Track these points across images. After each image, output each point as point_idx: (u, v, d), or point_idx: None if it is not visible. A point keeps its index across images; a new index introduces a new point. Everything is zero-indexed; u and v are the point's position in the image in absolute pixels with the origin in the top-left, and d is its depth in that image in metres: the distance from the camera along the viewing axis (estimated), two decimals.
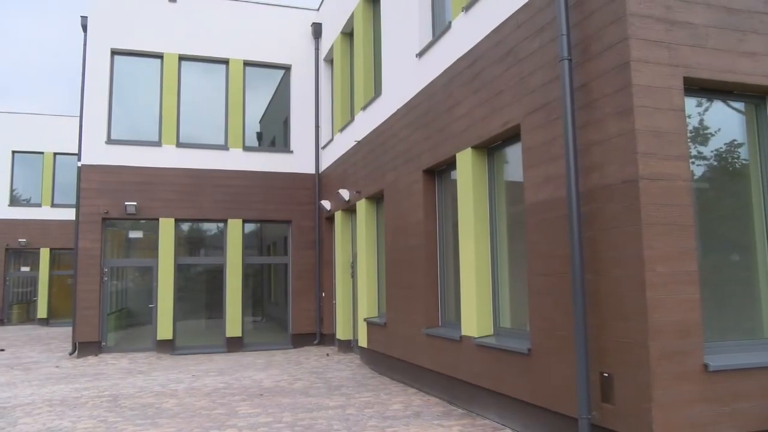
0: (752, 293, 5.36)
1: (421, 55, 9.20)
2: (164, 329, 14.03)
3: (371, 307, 11.56)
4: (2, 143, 24.70)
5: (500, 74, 6.82)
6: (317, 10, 16.18)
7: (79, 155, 14.06)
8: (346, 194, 12.77)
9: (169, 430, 7.04)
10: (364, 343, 11.66)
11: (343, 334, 13.60)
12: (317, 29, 15.82)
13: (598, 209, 5.16)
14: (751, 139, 5.53)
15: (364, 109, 11.89)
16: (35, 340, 18.31)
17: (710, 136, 5.43)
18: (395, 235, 9.99)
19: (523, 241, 6.70)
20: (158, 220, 14.36)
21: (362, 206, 11.77)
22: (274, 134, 16.12)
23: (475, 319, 7.32)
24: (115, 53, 14.63)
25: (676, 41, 4.98)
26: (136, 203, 14.10)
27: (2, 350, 15.51)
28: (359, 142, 12.08)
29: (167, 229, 14.35)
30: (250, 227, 15.44)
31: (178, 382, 10.31)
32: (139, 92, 14.80)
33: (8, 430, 7.16)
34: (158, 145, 14.56)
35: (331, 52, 15.04)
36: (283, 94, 16.01)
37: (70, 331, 17.30)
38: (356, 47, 12.38)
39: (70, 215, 23.55)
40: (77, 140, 14.80)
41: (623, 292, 4.84)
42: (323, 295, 15.22)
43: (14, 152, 24.85)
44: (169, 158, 14.57)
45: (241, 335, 14.54)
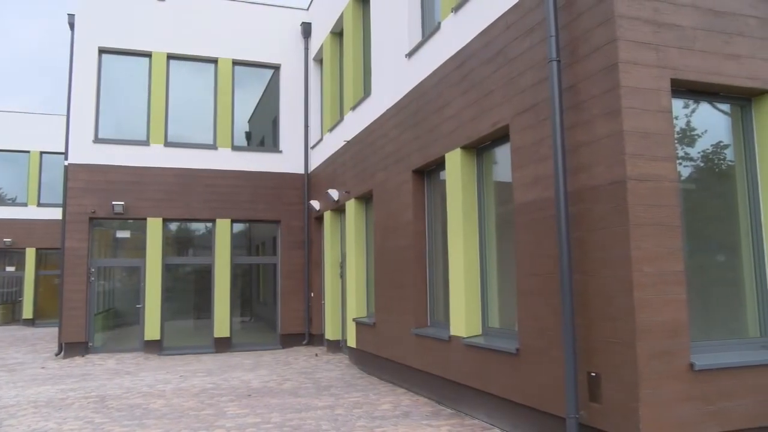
0: (737, 293, 5.41)
1: (410, 55, 9.21)
2: (152, 329, 13.94)
3: (360, 307, 11.55)
4: None
5: (489, 75, 6.84)
6: (307, 9, 16.15)
7: (66, 154, 13.95)
8: (335, 194, 12.75)
9: (156, 431, 6.99)
10: (353, 343, 11.65)
11: (332, 334, 13.58)
12: (307, 29, 15.79)
13: (586, 210, 5.19)
14: (736, 140, 5.59)
15: (353, 109, 11.88)
16: (20, 340, 18.14)
17: (697, 137, 5.48)
18: (384, 235, 9.99)
19: (511, 241, 6.72)
20: (146, 219, 14.27)
21: (351, 206, 11.77)
22: (263, 134, 16.07)
23: (463, 319, 7.34)
24: (102, 51, 14.52)
25: (663, 43, 5.02)
26: (123, 203, 14.00)
27: None
28: (349, 142, 12.07)
29: (155, 228, 14.26)
30: (238, 227, 15.38)
31: (165, 382, 10.24)
32: (127, 91, 14.70)
33: None
34: (146, 144, 14.47)
35: (320, 51, 15.02)
36: (272, 93, 15.96)
37: (56, 331, 17.14)
38: (346, 47, 12.37)
39: (56, 215, 23.35)
40: (64, 139, 14.64)
41: (611, 292, 4.87)
42: (312, 295, 15.19)
43: (0, 151, 24.59)
44: (157, 157, 14.48)
45: (229, 335, 14.48)
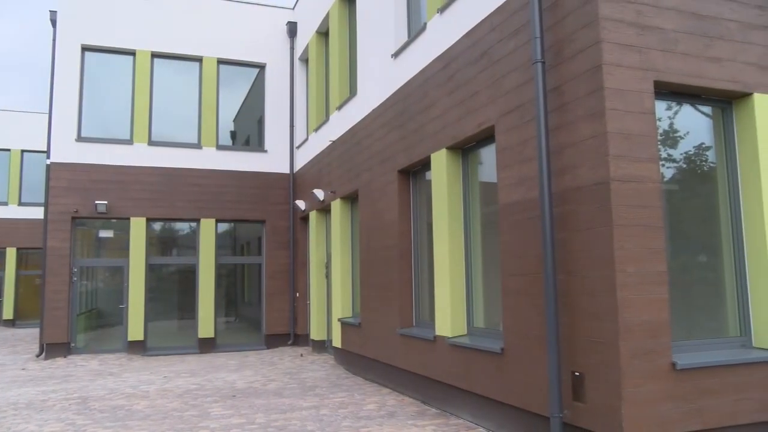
0: (718, 293, 5.48)
1: (396, 55, 9.22)
2: (135, 330, 13.83)
3: (345, 307, 11.54)
4: None
5: (475, 75, 6.87)
6: (292, 9, 16.10)
7: (48, 153, 13.80)
8: (320, 194, 12.73)
9: None
10: (338, 343, 11.64)
11: (317, 334, 13.56)
12: (292, 28, 15.75)
13: (570, 210, 5.23)
14: (718, 142, 5.66)
15: (339, 108, 11.87)
16: (1, 341, 17.89)
17: (680, 139, 5.55)
18: (370, 235, 9.99)
19: (496, 241, 6.75)
20: (129, 219, 14.16)
21: (337, 206, 11.75)
22: (248, 133, 16.00)
23: (449, 319, 7.36)
24: (85, 49, 14.37)
25: (646, 45, 5.07)
26: (106, 202, 13.88)
27: None
28: (334, 142, 12.05)
29: (138, 228, 14.15)
30: (223, 227, 15.30)
31: (149, 383, 10.16)
32: (110, 89, 14.56)
33: None
34: (130, 143, 14.35)
35: (306, 51, 14.98)
36: (257, 93, 15.89)
37: (37, 332, 16.95)
38: (332, 47, 12.35)
39: (38, 214, 23.08)
40: (46, 137, 14.47)
41: (595, 292, 4.91)
42: (297, 295, 15.16)
43: None
44: (140, 156, 14.37)
45: (213, 336, 14.40)
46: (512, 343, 6.04)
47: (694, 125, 5.59)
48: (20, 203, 24.19)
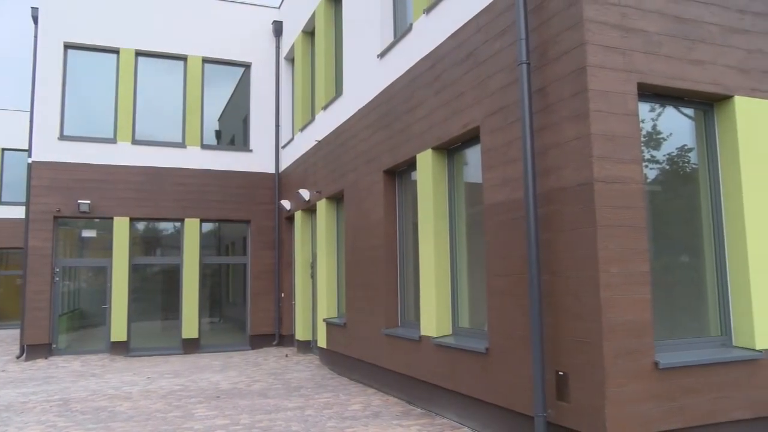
0: (700, 293, 5.55)
1: (382, 55, 9.22)
2: (118, 330, 13.70)
3: (331, 307, 11.52)
4: None
5: (460, 76, 6.89)
6: (278, 8, 16.05)
7: (29, 151, 13.63)
8: (306, 194, 12.70)
9: None
10: (323, 343, 11.62)
11: (302, 334, 13.52)
12: (278, 27, 15.69)
13: (554, 211, 5.26)
14: (700, 144, 5.73)
15: (325, 108, 11.85)
16: None
17: (663, 140, 5.60)
18: (355, 235, 9.98)
19: (482, 242, 6.78)
20: (113, 219, 14.03)
21: (322, 206, 11.73)
22: (233, 133, 15.92)
23: (434, 319, 7.37)
24: (68, 47, 14.22)
25: (630, 48, 5.11)
26: (89, 201, 13.75)
27: None
28: (320, 141, 12.03)
29: (122, 228, 14.02)
30: (208, 227, 15.21)
31: (132, 384, 10.07)
32: (93, 87, 14.42)
33: None
34: (113, 141, 14.22)
35: (292, 50, 14.94)
36: (242, 92, 15.82)
37: (17, 333, 16.73)
38: (317, 46, 12.32)
39: (19, 213, 22.75)
40: (27, 136, 14.29)
41: (578, 292, 4.95)
42: (282, 295, 15.10)
43: None
44: (124, 155, 14.24)
45: (197, 336, 14.31)
46: (497, 343, 6.06)
47: (676, 127, 5.65)
48: (1, 202, 23.82)
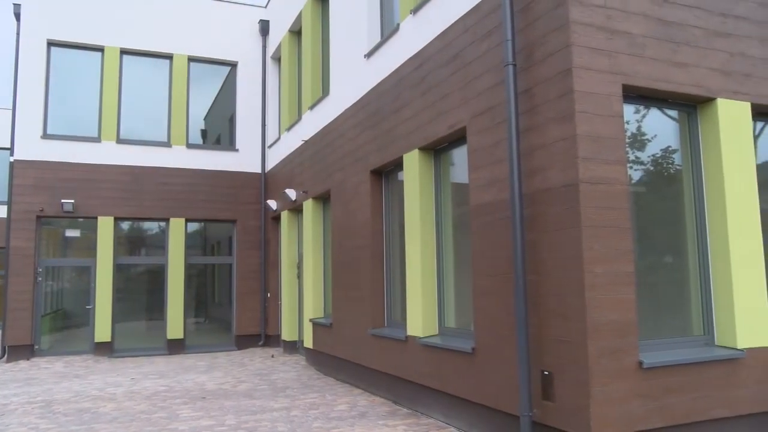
0: (683, 293, 5.61)
1: (369, 56, 9.22)
2: (102, 331, 13.58)
3: (317, 307, 11.50)
4: None
5: (447, 77, 6.90)
6: (265, 7, 15.99)
7: (11, 150, 13.47)
8: (292, 194, 12.66)
9: None
10: (309, 344, 11.59)
11: (288, 335, 13.48)
12: (265, 26, 15.63)
13: (540, 212, 5.29)
14: (683, 145, 5.79)
15: (311, 108, 11.82)
16: None
17: (647, 142, 5.65)
18: (342, 235, 9.97)
19: (468, 242, 6.80)
20: (97, 218, 13.90)
21: (309, 206, 11.70)
22: (219, 132, 15.84)
23: (420, 319, 7.38)
24: (51, 44, 14.07)
25: (615, 49, 5.15)
26: (73, 201, 13.61)
27: None
28: (306, 141, 12.00)
29: (106, 227, 13.90)
30: (193, 226, 15.12)
31: (116, 385, 9.99)
32: (77, 86, 14.28)
33: None
34: (97, 140, 14.09)
35: (278, 50, 14.89)
36: (228, 91, 15.74)
37: None
38: (304, 46, 12.29)
39: (1, 212, 22.47)
40: (9, 134, 14.12)
41: (563, 292, 4.98)
42: (269, 295, 15.05)
43: None
44: (108, 154, 14.12)
45: (183, 337, 14.21)
46: (483, 343, 6.08)
47: (661, 128, 5.70)
48: None
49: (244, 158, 15.40)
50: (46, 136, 13.71)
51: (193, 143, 15.09)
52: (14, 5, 13.79)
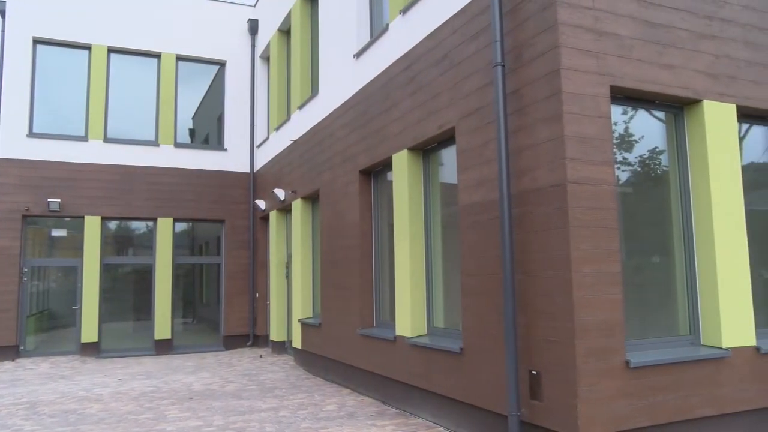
0: (670, 293, 5.65)
1: (358, 55, 9.22)
2: (89, 331, 13.47)
3: (306, 307, 11.48)
4: None
5: (436, 77, 6.91)
6: (254, 6, 15.94)
7: None
8: (281, 194, 12.63)
9: None
10: (298, 344, 11.57)
11: (277, 335, 13.44)
12: (254, 25, 15.58)
13: (528, 212, 5.31)
14: (670, 146, 5.83)
15: (300, 108, 11.80)
16: None
17: (634, 143, 5.69)
18: (331, 235, 9.96)
19: (457, 242, 6.81)
20: (84, 218, 13.79)
21: (298, 206, 11.68)
22: (207, 131, 15.76)
23: (409, 319, 7.39)
24: (37, 42, 13.94)
25: (603, 51, 5.19)
26: (59, 200, 13.50)
27: None
28: (295, 141, 11.98)
29: (93, 227, 13.79)
30: (181, 226, 15.03)
31: (103, 386, 9.91)
32: (64, 84, 14.15)
33: None
34: (84, 139, 13.97)
35: (267, 49, 14.84)
36: (217, 90, 15.67)
37: None
38: (293, 45, 12.27)
39: None
40: None
41: (551, 292, 5.00)
42: (257, 295, 15.00)
43: None
44: (95, 153, 14.01)
45: (170, 337, 14.13)
46: (471, 342, 6.10)
47: (648, 130, 5.75)
48: None
49: (232, 158, 15.34)
50: (31, 134, 13.58)
51: (181, 142, 15.01)
52: None
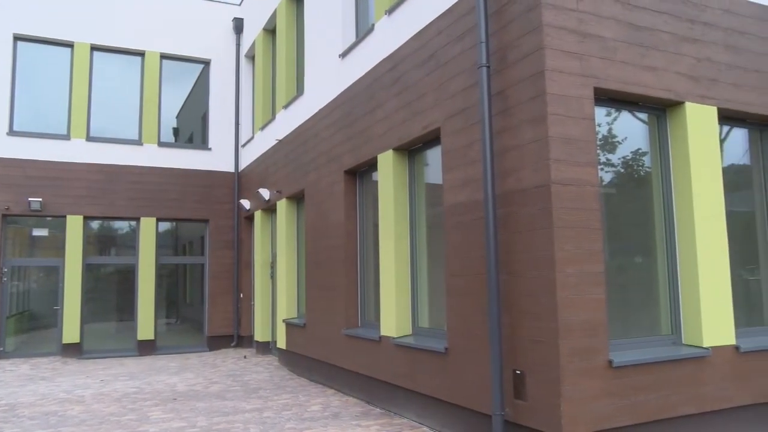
0: (652, 293, 5.71)
1: (344, 55, 9.20)
2: (71, 332, 13.32)
3: (290, 308, 11.44)
4: None
5: (422, 78, 6.93)
6: (239, 4, 15.86)
7: None
8: (266, 193, 12.58)
9: None
10: (282, 344, 11.53)
11: (261, 335, 13.38)
12: (239, 24, 15.50)
13: (513, 212, 5.34)
14: (653, 148, 5.90)
15: (285, 107, 11.76)
16: None
17: (618, 144, 5.74)
18: (316, 235, 9.94)
19: (442, 242, 6.83)
20: (65, 217, 13.64)
21: (282, 206, 11.64)
22: (191, 130, 15.66)
23: (394, 319, 7.39)
24: (18, 39, 13.76)
25: (587, 53, 5.23)
26: (41, 199, 13.33)
27: None
28: (280, 141, 11.93)
29: (75, 226, 13.64)
30: (164, 226, 14.92)
31: (85, 387, 9.81)
32: (46, 82, 13.98)
33: None
34: (67, 138, 13.82)
35: (252, 48, 14.78)
36: (201, 89, 15.58)
37: None
38: (279, 45, 12.22)
39: None
40: None
41: (535, 292, 5.03)
42: (241, 296, 14.93)
43: None
44: (78, 152, 13.86)
45: (153, 338, 14.02)
46: (456, 342, 6.12)
47: (631, 131, 5.80)
48: None
49: (216, 157, 15.25)
50: (12, 132, 13.40)
51: (164, 142, 14.90)
52: None
